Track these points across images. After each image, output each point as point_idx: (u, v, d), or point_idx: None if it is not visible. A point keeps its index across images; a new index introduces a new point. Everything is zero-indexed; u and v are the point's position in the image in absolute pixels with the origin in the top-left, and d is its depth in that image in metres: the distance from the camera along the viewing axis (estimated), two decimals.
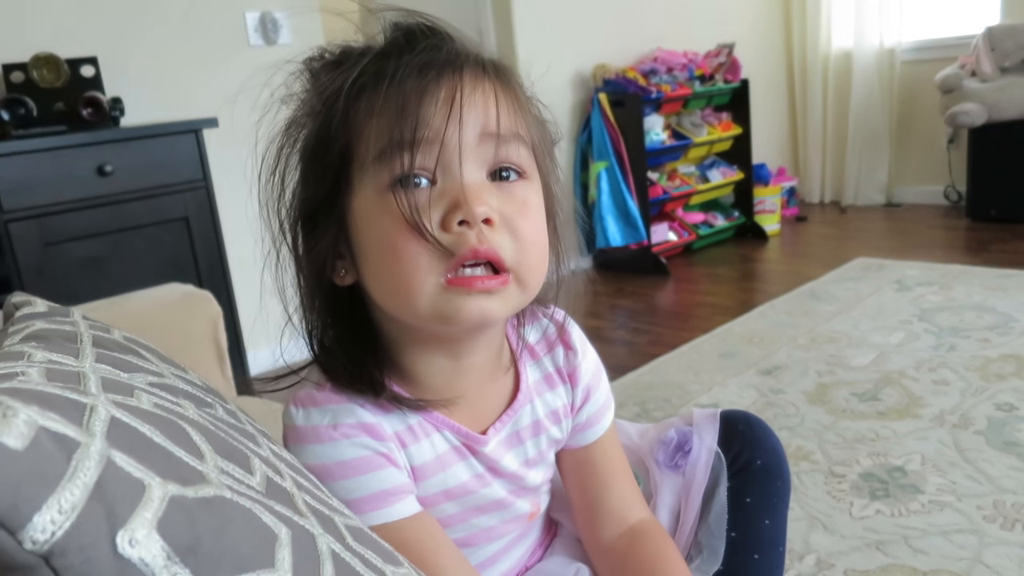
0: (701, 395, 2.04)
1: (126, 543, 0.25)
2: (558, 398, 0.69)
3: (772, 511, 0.73)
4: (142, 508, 0.26)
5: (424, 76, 0.54)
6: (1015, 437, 1.65)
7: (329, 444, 0.57)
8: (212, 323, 1.22)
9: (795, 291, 2.90)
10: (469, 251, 0.53)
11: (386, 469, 0.58)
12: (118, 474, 0.26)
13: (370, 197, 0.55)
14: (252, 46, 2.58)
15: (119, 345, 0.44)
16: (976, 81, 3.67)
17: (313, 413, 0.59)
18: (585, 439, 0.72)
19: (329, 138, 0.57)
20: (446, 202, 0.54)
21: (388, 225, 0.54)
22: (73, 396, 0.30)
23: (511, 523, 0.68)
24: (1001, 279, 2.74)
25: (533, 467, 0.68)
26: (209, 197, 2.14)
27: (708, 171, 3.87)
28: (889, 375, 2.05)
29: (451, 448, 0.63)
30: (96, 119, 2.01)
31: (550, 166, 0.63)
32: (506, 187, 0.57)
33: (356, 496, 0.57)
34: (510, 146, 0.57)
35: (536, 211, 0.59)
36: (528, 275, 0.57)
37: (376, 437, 0.59)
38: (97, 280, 1.95)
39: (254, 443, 0.39)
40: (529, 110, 0.60)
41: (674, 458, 0.75)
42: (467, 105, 0.54)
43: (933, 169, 4.22)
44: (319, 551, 0.32)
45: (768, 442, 0.75)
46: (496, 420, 0.65)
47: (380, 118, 0.54)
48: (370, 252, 0.57)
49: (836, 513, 1.45)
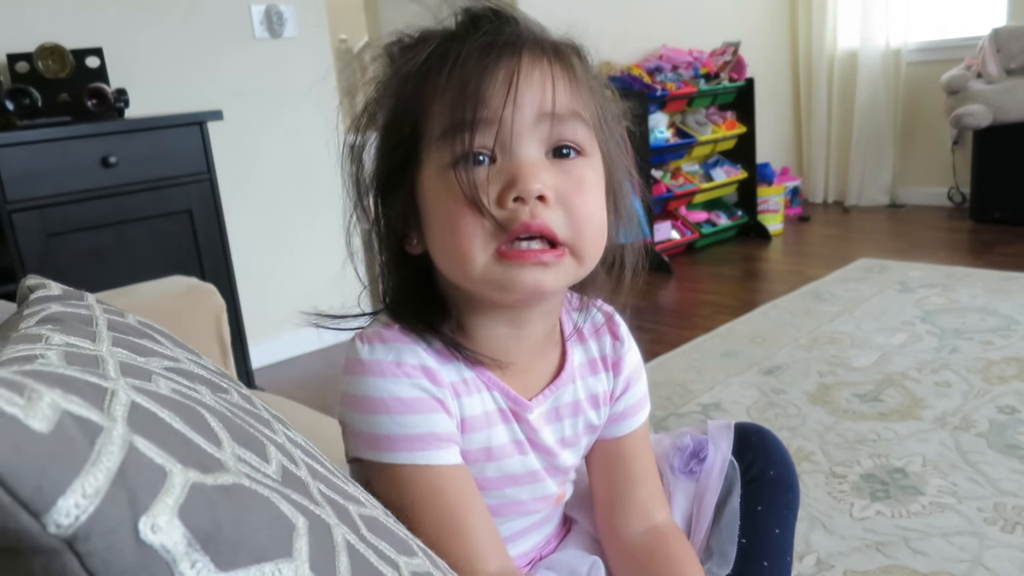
0: (703, 394, 2.04)
1: (148, 529, 0.25)
2: (600, 384, 0.72)
3: (782, 521, 0.76)
4: (164, 494, 0.26)
5: (484, 58, 0.57)
6: (1016, 440, 1.65)
7: (391, 379, 0.60)
8: (215, 316, 1.22)
9: (798, 291, 2.90)
10: (521, 226, 0.56)
11: (439, 414, 0.61)
12: (140, 460, 0.26)
13: (435, 173, 0.59)
14: (257, 39, 2.58)
15: (134, 329, 0.44)
16: (982, 83, 3.66)
17: (379, 348, 0.61)
18: (619, 430, 0.74)
19: (401, 116, 0.61)
20: (503, 179, 0.57)
21: (449, 200, 0.57)
22: (93, 380, 0.30)
23: (540, 501, 0.70)
24: (1004, 281, 2.74)
25: (567, 447, 0.70)
26: (213, 190, 2.14)
27: (712, 170, 3.86)
28: (891, 376, 2.05)
29: (498, 409, 0.65)
30: (101, 110, 2.01)
31: (612, 143, 0.64)
32: (563, 164, 0.59)
33: (405, 433, 0.59)
34: (567, 125, 0.59)
35: (592, 188, 0.61)
36: (584, 250, 0.59)
37: (434, 382, 0.61)
38: (100, 272, 1.95)
39: (269, 429, 0.39)
40: (591, 87, 0.62)
41: (689, 464, 0.77)
42: (524, 86, 0.57)
43: (937, 170, 4.21)
44: (335, 542, 0.32)
45: (780, 455, 0.78)
46: (540, 392, 0.68)
47: (443, 98, 0.58)
48: (434, 224, 0.60)
49: (836, 514, 1.45)
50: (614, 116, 0.65)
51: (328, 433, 1.01)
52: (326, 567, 0.31)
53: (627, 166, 0.67)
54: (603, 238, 0.62)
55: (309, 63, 2.73)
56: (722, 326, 2.59)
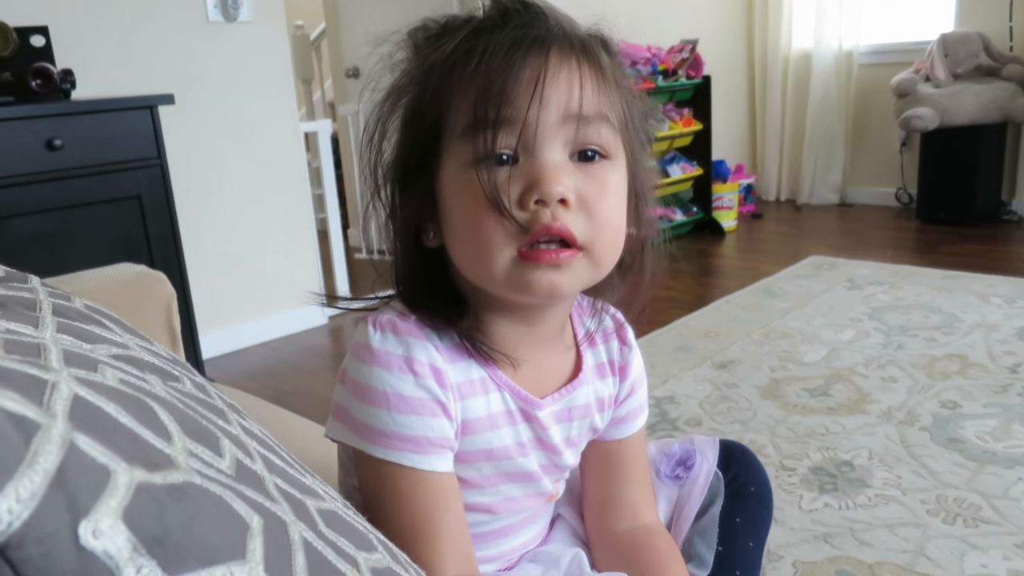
0: (656, 388, 2.06)
1: (89, 534, 0.23)
2: (606, 388, 0.72)
3: (756, 536, 0.78)
4: (107, 496, 0.24)
5: (512, 55, 0.56)
6: (958, 434, 1.70)
7: (397, 374, 0.59)
8: (165, 305, 1.18)
9: (750, 287, 2.94)
10: (542, 228, 0.56)
11: (438, 418, 0.60)
12: (81, 459, 0.25)
13: (456, 170, 0.58)
14: (211, 22, 2.52)
15: (81, 315, 0.42)
16: (930, 86, 3.76)
17: (391, 339, 0.60)
18: (619, 433, 0.74)
19: (423, 108, 0.59)
20: (524, 181, 0.56)
21: (470, 199, 0.57)
22: (33, 372, 0.28)
23: (532, 498, 0.70)
24: (947, 280, 2.82)
25: (571, 447, 0.71)
26: (163, 176, 2.08)
27: (668, 166, 3.90)
28: (839, 371, 2.09)
29: (505, 411, 0.65)
30: (46, 91, 1.94)
31: (637, 144, 0.64)
32: (587, 168, 0.58)
33: (399, 431, 0.59)
34: (592, 127, 0.58)
35: (615, 192, 0.60)
36: (600, 254, 0.59)
37: (440, 383, 0.60)
38: (43, 258, 1.88)
39: (224, 420, 0.37)
40: (620, 88, 0.61)
41: (675, 470, 0.79)
42: (550, 86, 0.56)
43: (886, 171, 4.32)
44: (291, 540, 0.31)
45: (761, 474, 0.81)
46: (555, 391, 0.68)
47: (467, 94, 0.57)
48: (453, 221, 0.59)
49: (786, 506, 1.47)
50: (640, 115, 0.65)
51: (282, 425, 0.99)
52: (282, 567, 0.30)
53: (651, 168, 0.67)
54: (620, 244, 0.62)
55: (264, 49, 2.67)
56: (676, 321, 2.62)
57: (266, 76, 2.69)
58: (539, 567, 0.72)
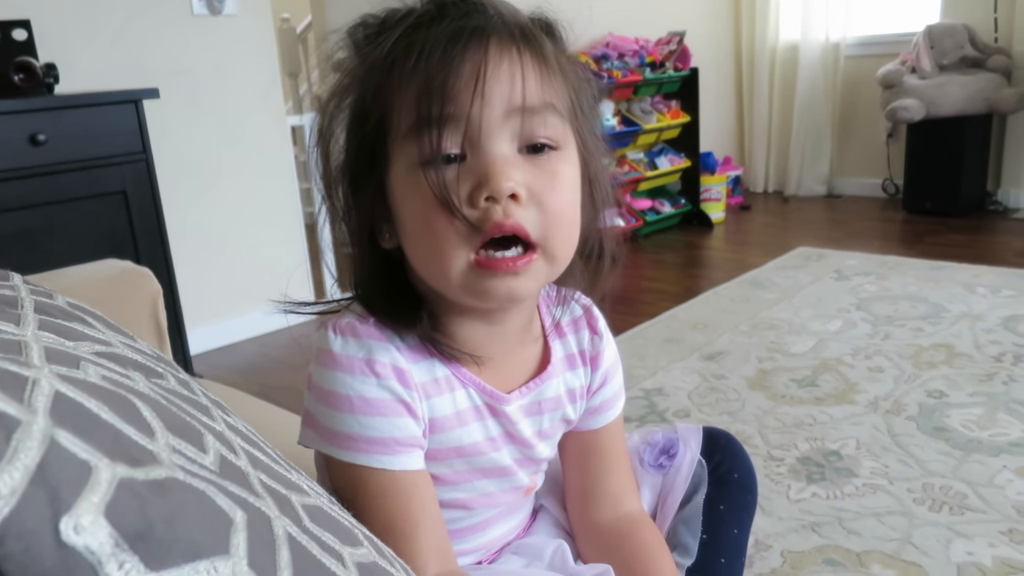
0: (645, 380, 2.07)
1: (70, 530, 0.23)
2: (577, 379, 0.71)
3: (740, 523, 0.78)
4: (88, 492, 0.24)
5: (450, 50, 0.54)
6: (944, 423, 1.71)
7: (360, 378, 0.58)
8: (151, 301, 1.18)
9: (738, 278, 2.95)
10: (494, 226, 0.54)
11: (403, 418, 0.59)
12: (63, 455, 0.24)
13: (404, 170, 0.57)
14: (196, 15, 2.50)
15: (63, 312, 0.42)
16: (916, 78, 3.77)
17: (351, 343, 0.59)
18: (595, 423, 0.74)
19: (366, 110, 0.58)
20: (473, 179, 0.55)
21: (420, 200, 0.55)
22: (14, 368, 0.28)
23: (509, 492, 0.70)
24: (934, 270, 2.84)
25: (544, 440, 0.70)
26: (149, 170, 2.06)
27: (656, 158, 3.90)
28: (827, 362, 2.10)
29: (472, 407, 0.64)
30: (28, 86, 1.92)
31: (587, 129, 0.62)
32: (537, 160, 0.57)
33: (366, 434, 0.58)
34: (538, 118, 0.56)
35: (567, 183, 0.59)
36: (555, 248, 0.58)
37: (404, 383, 0.60)
38: (28, 255, 1.87)
39: (208, 416, 0.37)
40: (565, 73, 0.60)
41: (659, 459, 0.78)
42: (492, 80, 0.54)
43: (872, 162, 4.34)
44: (275, 535, 0.31)
45: (745, 460, 0.80)
46: (522, 385, 0.67)
47: (408, 94, 0.55)
48: (406, 223, 0.58)
49: (774, 496, 1.48)
50: (589, 100, 0.63)
51: (268, 421, 0.98)
52: (266, 562, 0.30)
53: (602, 151, 0.65)
54: (575, 236, 0.61)
55: (250, 42, 2.66)
56: (665, 313, 2.62)
57: (252, 70, 2.68)
58: (522, 559, 0.72)
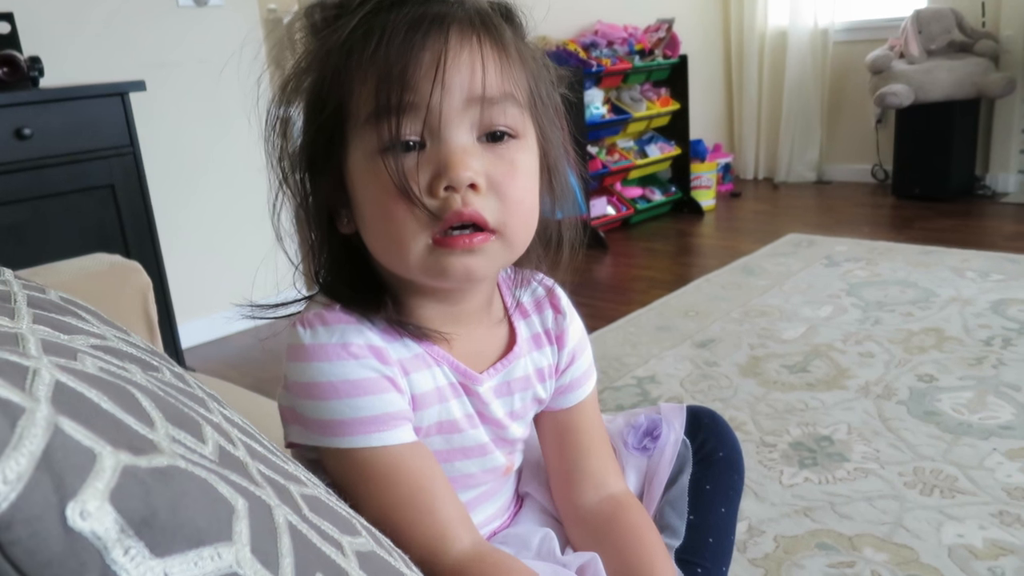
0: (638, 367, 2.08)
1: (77, 515, 0.23)
2: (544, 358, 0.71)
3: (727, 501, 0.77)
4: (93, 478, 0.24)
5: (410, 37, 0.54)
6: (934, 407, 1.73)
7: (337, 362, 0.58)
8: (141, 295, 1.17)
9: (729, 266, 2.96)
10: (454, 214, 0.55)
11: (390, 393, 0.59)
12: (67, 442, 0.24)
13: (363, 157, 0.57)
14: (181, 7, 2.48)
15: (56, 306, 0.42)
16: (904, 63, 3.78)
17: (321, 332, 0.59)
18: (567, 402, 0.74)
19: (324, 95, 0.58)
20: (432, 167, 0.55)
21: (379, 188, 0.55)
22: (13, 358, 0.28)
23: (488, 473, 0.70)
24: (923, 255, 2.85)
25: (516, 420, 0.70)
26: (136, 164, 2.05)
27: (646, 146, 3.90)
28: (818, 348, 2.11)
29: (449, 384, 0.64)
30: (12, 79, 1.90)
31: (547, 118, 0.63)
32: (496, 149, 0.57)
33: (358, 416, 0.58)
34: (498, 108, 0.57)
35: (526, 172, 0.59)
36: (513, 235, 0.59)
37: (382, 360, 0.59)
38: (15, 249, 1.86)
39: (205, 408, 0.37)
40: (524, 62, 0.60)
41: (642, 441, 0.78)
42: (452, 68, 0.54)
43: (862, 148, 4.35)
44: (276, 523, 0.31)
45: (729, 438, 0.80)
46: (490, 366, 0.67)
47: (368, 80, 0.55)
48: (364, 210, 0.58)
49: (767, 481, 1.49)
50: (548, 88, 0.63)
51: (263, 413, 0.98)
52: (268, 549, 0.30)
53: (563, 141, 0.65)
54: (533, 223, 0.61)
55: (236, 33, 2.64)
56: (657, 300, 2.63)
57: (239, 61, 2.65)
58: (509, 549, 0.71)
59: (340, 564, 0.34)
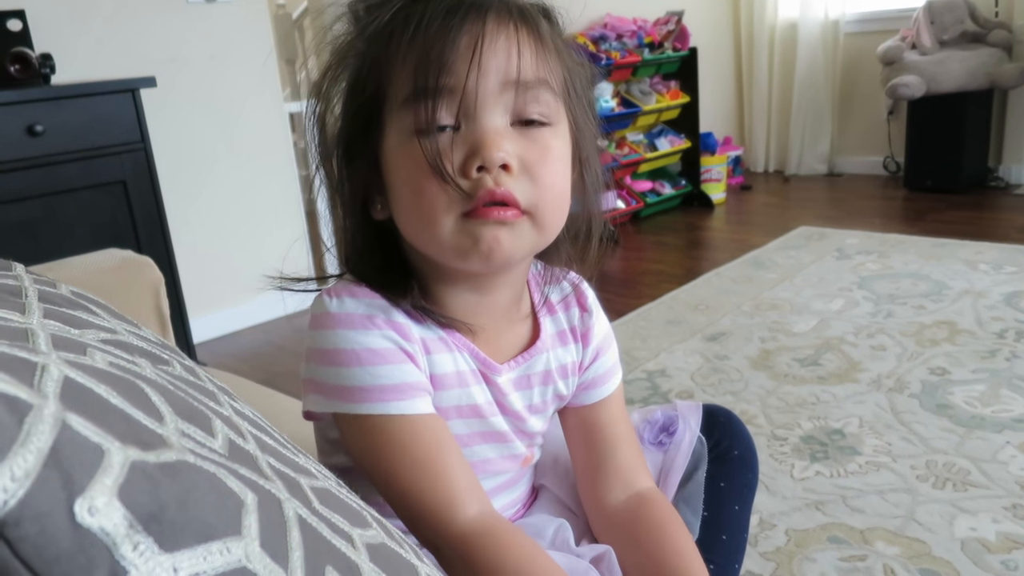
0: (648, 361, 2.07)
1: (85, 511, 0.23)
2: (569, 355, 0.72)
3: (741, 499, 0.78)
4: (101, 474, 0.24)
5: (448, 21, 0.55)
6: (947, 400, 1.72)
7: (361, 331, 0.59)
8: (153, 290, 1.18)
9: (740, 259, 2.95)
10: (486, 193, 0.56)
11: (409, 365, 0.60)
12: (75, 438, 0.25)
13: (398, 139, 0.58)
14: (191, 3, 2.49)
15: (67, 300, 0.42)
16: (916, 54, 3.75)
17: (348, 302, 0.60)
18: (591, 398, 0.74)
19: (364, 79, 0.60)
20: (466, 148, 0.56)
21: (413, 167, 0.56)
22: (22, 355, 0.28)
23: (508, 460, 0.70)
24: (936, 248, 2.83)
25: (535, 414, 0.71)
26: (148, 159, 2.06)
27: (656, 139, 3.89)
28: (829, 341, 2.10)
29: (470, 370, 0.65)
30: (24, 76, 1.91)
31: (580, 110, 0.63)
32: (529, 133, 0.58)
33: (378, 383, 0.59)
34: (532, 93, 0.58)
35: (558, 157, 0.60)
36: (544, 218, 0.59)
37: (405, 337, 0.61)
38: (28, 246, 1.87)
39: (215, 402, 0.38)
40: (559, 52, 0.61)
41: (658, 437, 0.79)
42: (488, 52, 0.56)
43: (873, 140, 4.32)
44: (286, 516, 0.31)
45: (744, 437, 0.80)
46: (512, 359, 0.68)
47: (406, 64, 0.57)
48: (398, 191, 0.59)
49: (778, 475, 1.49)
50: (583, 82, 0.64)
51: (273, 407, 0.99)
52: (277, 543, 0.30)
53: (595, 134, 0.66)
54: (565, 209, 0.62)
55: (246, 28, 2.64)
56: (667, 294, 2.62)
57: (248, 56, 2.66)
58: None
59: (350, 557, 0.34)
